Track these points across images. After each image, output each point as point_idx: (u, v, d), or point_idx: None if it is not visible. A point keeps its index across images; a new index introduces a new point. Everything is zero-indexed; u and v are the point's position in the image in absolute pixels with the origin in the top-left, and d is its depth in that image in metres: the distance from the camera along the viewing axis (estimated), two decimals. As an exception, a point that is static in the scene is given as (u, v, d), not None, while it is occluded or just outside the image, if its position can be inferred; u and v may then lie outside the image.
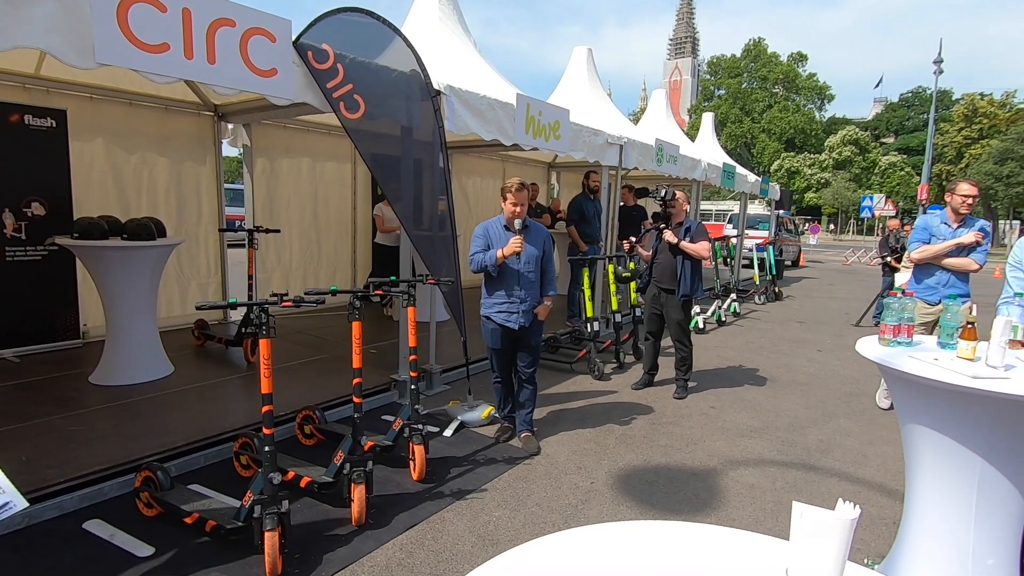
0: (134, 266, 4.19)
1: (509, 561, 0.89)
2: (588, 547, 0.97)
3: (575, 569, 0.90)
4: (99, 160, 5.31)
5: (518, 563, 0.89)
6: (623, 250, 7.04)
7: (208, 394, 4.22)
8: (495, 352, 3.69)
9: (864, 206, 26.99)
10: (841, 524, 0.63)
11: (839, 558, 0.63)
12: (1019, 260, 2.63)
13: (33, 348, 4.88)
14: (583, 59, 8.11)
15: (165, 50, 2.84)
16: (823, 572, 0.62)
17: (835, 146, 46.96)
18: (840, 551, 0.63)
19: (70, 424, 3.50)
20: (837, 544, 0.62)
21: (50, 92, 4.94)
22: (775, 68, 53.39)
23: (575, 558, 0.94)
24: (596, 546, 0.98)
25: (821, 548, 0.62)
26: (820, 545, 0.62)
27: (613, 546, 0.98)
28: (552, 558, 0.93)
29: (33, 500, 2.66)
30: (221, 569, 2.38)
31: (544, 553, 0.94)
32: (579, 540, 0.99)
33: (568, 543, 0.98)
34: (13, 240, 4.72)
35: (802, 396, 4.99)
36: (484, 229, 3.61)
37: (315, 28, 3.54)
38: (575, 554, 0.95)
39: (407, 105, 4.10)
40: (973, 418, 1.98)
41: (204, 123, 6.03)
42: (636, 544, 0.99)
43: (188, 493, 2.79)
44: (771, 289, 10.56)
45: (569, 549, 0.97)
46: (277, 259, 6.95)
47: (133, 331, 4.29)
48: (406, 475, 3.24)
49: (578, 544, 0.98)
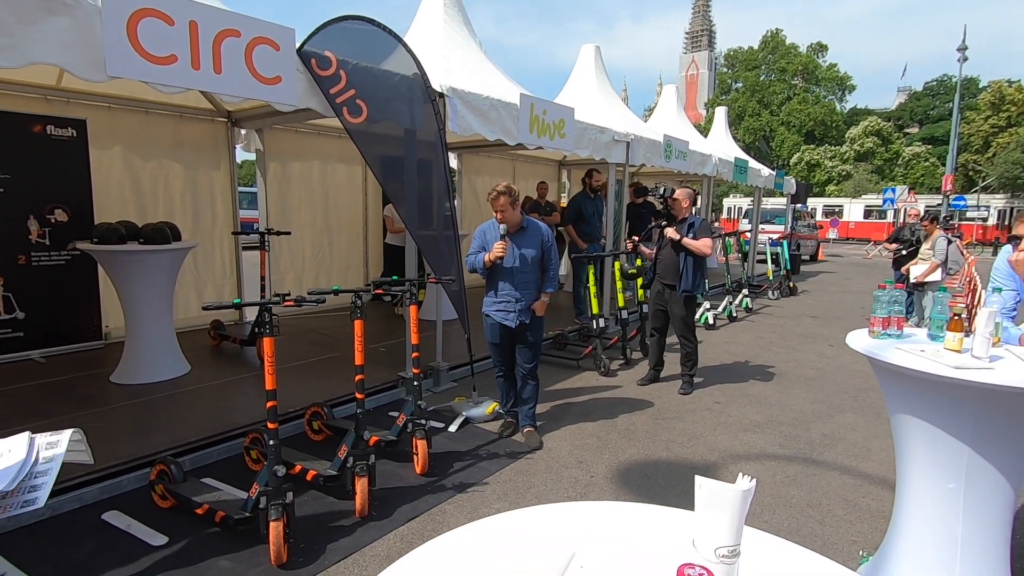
0: (151, 269, 4.34)
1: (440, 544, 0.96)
2: (511, 529, 1.05)
3: (492, 549, 0.97)
4: (117, 167, 5.51)
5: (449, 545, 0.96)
6: (637, 249, 7.11)
7: (222, 392, 4.36)
8: (495, 348, 3.77)
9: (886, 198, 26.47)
10: (735, 495, 0.68)
11: (734, 525, 0.68)
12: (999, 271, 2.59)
13: (58, 349, 5.08)
14: (591, 57, 8.13)
15: (173, 62, 2.96)
16: (720, 538, 0.68)
17: (856, 138, 46.04)
18: (735, 520, 0.68)
19: (91, 421, 3.66)
20: (731, 513, 0.68)
21: (70, 103, 5.14)
22: (794, 59, 52.51)
23: (495, 540, 1.01)
24: (520, 528, 1.05)
25: (718, 518, 0.68)
26: (717, 515, 0.68)
27: (536, 527, 1.05)
28: (474, 542, 1.00)
29: (55, 493, 2.80)
30: (230, 557, 2.49)
31: (471, 535, 1.02)
32: (500, 525, 1.06)
33: (491, 527, 1.05)
34: (38, 246, 4.93)
35: (809, 391, 4.97)
36: (482, 231, 3.69)
37: (318, 36, 3.64)
38: (494, 537, 1.03)
39: (409, 108, 4.19)
40: (958, 408, 1.99)
41: (218, 129, 6.20)
42: (564, 523, 1.06)
43: (200, 486, 2.91)
44: (785, 284, 10.46)
45: (494, 531, 1.04)
46: (291, 261, 7.12)
47: (151, 332, 4.45)
48: (410, 469, 3.33)
49: (499, 528, 1.05)
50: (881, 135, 45.85)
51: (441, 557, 0.96)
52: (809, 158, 46.62)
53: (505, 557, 0.94)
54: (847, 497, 3.16)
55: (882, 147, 45.42)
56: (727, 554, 0.67)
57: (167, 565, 2.43)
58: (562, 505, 1.11)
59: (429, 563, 0.94)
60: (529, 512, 1.10)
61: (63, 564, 2.42)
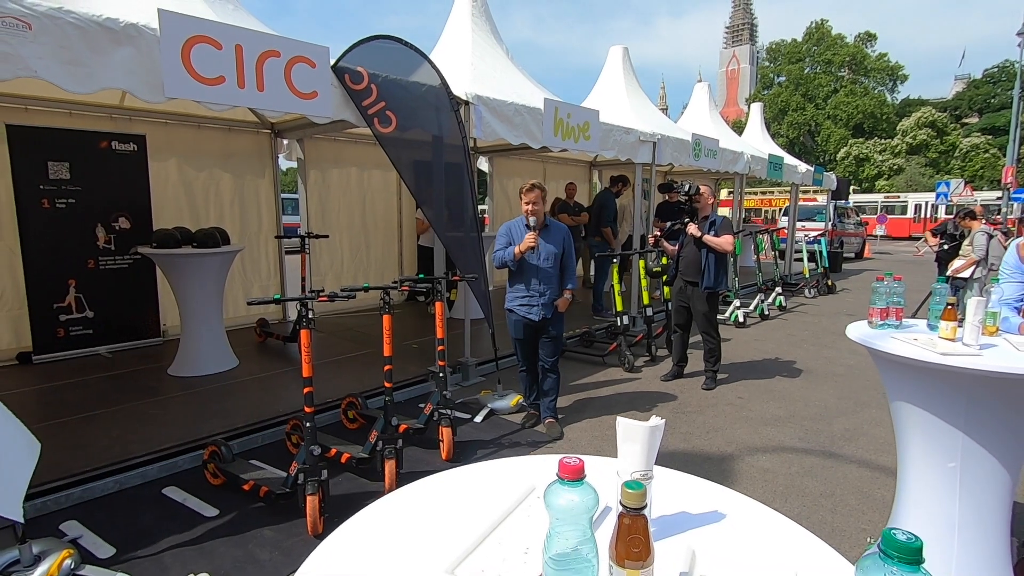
0: (203, 271, 4.73)
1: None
2: (483, 474, 1.25)
3: (465, 487, 1.17)
4: (173, 177, 5.98)
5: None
6: (659, 244, 7.35)
7: (266, 384, 4.71)
8: (518, 343, 3.95)
9: (939, 192, 25.31)
10: (645, 429, 0.84)
11: (645, 455, 0.84)
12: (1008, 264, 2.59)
13: (122, 345, 5.57)
14: (619, 58, 8.23)
15: (222, 82, 3.28)
16: (635, 464, 0.84)
17: (909, 129, 44.05)
18: (646, 450, 0.84)
19: (151, 408, 4.06)
20: (643, 445, 0.84)
21: (132, 120, 5.63)
22: (840, 50, 50.69)
23: (468, 481, 1.21)
24: (491, 473, 1.25)
25: (633, 449, 0.84)
26: (632, 447, 0.84)
27: (505, 472, 1.24)
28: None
29: (121, 470, 3.17)
30: (272, 528, 2.76)
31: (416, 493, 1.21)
32: (474, 471, 1.26)
33: (466, 473, 1.26)
34: (104, 251, 5.42)
35: (836, 387, 4.95)
36: (507, 228, 3.88)
37: (351, 53, 3.92)
38: (468, 479, 1.22)
39: (436, 117, 4.43)
40: (951, 395, 2.06)
41: (262, 140, 6.62)
42: (529, 469, 1.24)
43: (247, 466, 3.21)
44: (823, 282, 10.25)
45: (468, 476, 1.24)
46: (330, 263, 7.50)
47: (203, 329, 4.84)
48: (436, 455, 3.55)
49: (472, 474, 1.26)
50: (936, 126, 43.72)
51: (421, 491, 1.16)
52: (857, 152, 44.90)
53: (475, 492, 1.14)
54: (862, 489, 3.20)
55: (937, 139, 43.31)
56: (640, 477, 0.84)
57: (218, 533, 2.72)
58: (530, 456, 1.30)
59: (411, 496, 1.14)
60: (501, 462, 1.30)
61: (130, 531, 2.74)
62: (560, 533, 0.69)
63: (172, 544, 2.62)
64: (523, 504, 1.05)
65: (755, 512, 1.06)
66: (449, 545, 0.93)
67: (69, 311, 5.27)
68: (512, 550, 0.91)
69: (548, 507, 0.71)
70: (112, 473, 3.13)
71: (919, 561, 0.56)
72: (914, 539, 0.57)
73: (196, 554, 2.55)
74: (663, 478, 1.09)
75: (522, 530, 0.97)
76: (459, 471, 1.27)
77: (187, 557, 2.52)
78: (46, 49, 2.69)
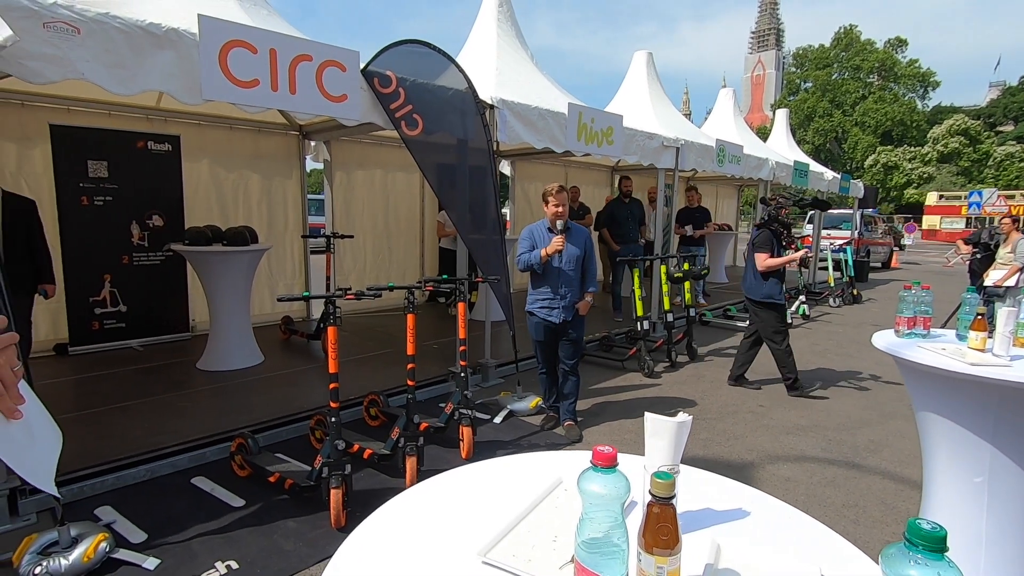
0: (231, 268, 4.85)
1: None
2: (512, 466, 1.27)
3: (492, 479, 1.19)
4: (204, 177, 6.14)
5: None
6: (689, 248, 7.63)
7: (291, 380, 4.80)
8: (539, 344, 3.97)
9: (972, 202, 24.72)
10: (672, 425, 0.86)
11: (672, 449, 0.87)
12: None
13: (154, 339, 5.73)
14: (643, 63, 8.23)
15: (256, 85, 3.37)
16: (663, 459, 0.87)
17: (940, 137, 43.06)
18: (673, 445, 0.87)
19: (180, 401, 4.17)
20: (669, 440, 0.86)
21: (167, 121, 5.80)
22: (869, 56, 49.88)
23: (496, 474, 1.24)
24: (520, 465, 1.27)
25: (661, 444, 0.87)
26: (660, 443, 0.87)
27: (534, 464, 1.26)
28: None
29: (153, 459, 3.27)
30: (296, 520, 2.83)
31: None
32: (503, 463, 1.29)
33: (493, 465, 1.28)
34: (139, 247, 5.59)
35: (861, 398, 4.87)
36: (530, 232, 3.91)
37: (380, 57, 4.00)
38: (496, 471, 1.25)
39: (462, 120, 4.49)
40: (979, 406, 2.03)
41: (290, 142, 6.77)
42: (558, 463, 1.26)
43: (272, 458, 3.28)
44: (848, 291, 10.07)
45: (495, 468, 1.27)
46: (353, 263, 7.62)
47: (231, 325, 4.96)
48: (456, 454, 3.59)
49: (501, 466, 1.28)
50: (968, 134, 42.65)
51: (447, 484, 1.19)
52: (886, 160, 44.01)
53: (502, 485, 1.17)
54: (886, 500, 3.16)
55: (969, 147, 42.24)
56: (667, 471, 0.86)
57: (244, 523, 2.79)
58: (558, 452, 1.33)
59: (437, 489, 1.18)
60: (527, 456, 1.33)
61: (161, 517, 2.83)
62: (593, 518, 0.72)
63: (200, 532, 2.70)
64: (551, 495, 1.08)
65: (779, 510, 1.07)
66: (479, 533, 0.96)
67: (104, 305, 5.44)
68: (541, 538, 0.94)
69: (581, 492, 0.74)
70: (144, 462, 3.23)
71: (943, 549, 0.57)
72: (938, 528, 0.58)
73: (223, 542, 2.62)
74: (688, 475, 1.11)
75: (550, 520, 1.00)
76: (484, 464, 1.30)
77: (214, 544, 2.60)
78: (92, 52, 2.80)
